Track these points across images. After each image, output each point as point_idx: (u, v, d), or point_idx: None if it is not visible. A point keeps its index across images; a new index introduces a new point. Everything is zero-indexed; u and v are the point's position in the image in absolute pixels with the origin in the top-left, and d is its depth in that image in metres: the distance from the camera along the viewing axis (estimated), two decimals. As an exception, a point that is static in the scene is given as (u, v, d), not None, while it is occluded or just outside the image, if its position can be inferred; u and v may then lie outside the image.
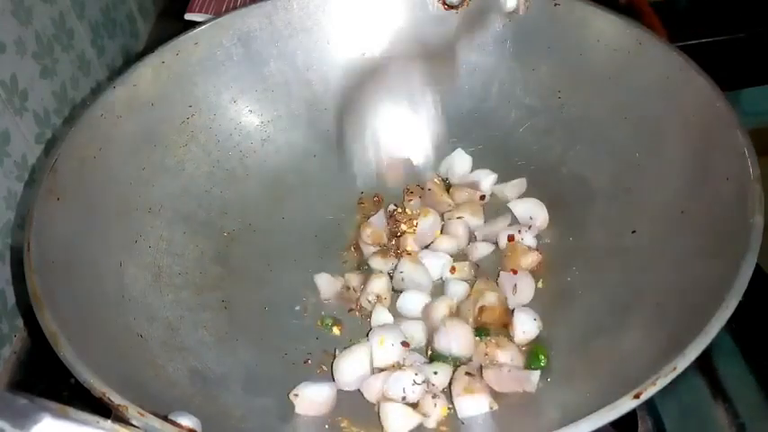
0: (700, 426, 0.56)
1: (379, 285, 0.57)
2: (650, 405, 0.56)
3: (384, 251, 0.60)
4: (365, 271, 0.60)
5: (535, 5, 0.65)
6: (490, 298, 0.55)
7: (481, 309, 0.54)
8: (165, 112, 0.63)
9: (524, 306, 0.55)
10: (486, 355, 0.52)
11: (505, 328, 0.54)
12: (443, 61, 0.68)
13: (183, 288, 0.58)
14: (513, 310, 0.54)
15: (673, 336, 0.44)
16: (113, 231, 0.56)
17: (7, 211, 0.62)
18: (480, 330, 0.54)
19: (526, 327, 0.53)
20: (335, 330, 0.57)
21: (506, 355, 0.52)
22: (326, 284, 0.59)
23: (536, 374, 0.50)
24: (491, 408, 0.49)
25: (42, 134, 0.67)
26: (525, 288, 0.56)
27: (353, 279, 0.59)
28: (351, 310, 0.58)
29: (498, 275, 0.57)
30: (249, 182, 0.66)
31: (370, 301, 0.57)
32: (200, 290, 0.58)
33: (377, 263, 0.60)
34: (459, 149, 0.67)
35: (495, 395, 0.50)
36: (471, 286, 0.57)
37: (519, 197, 0.64)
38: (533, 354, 0.52)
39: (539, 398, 0.49)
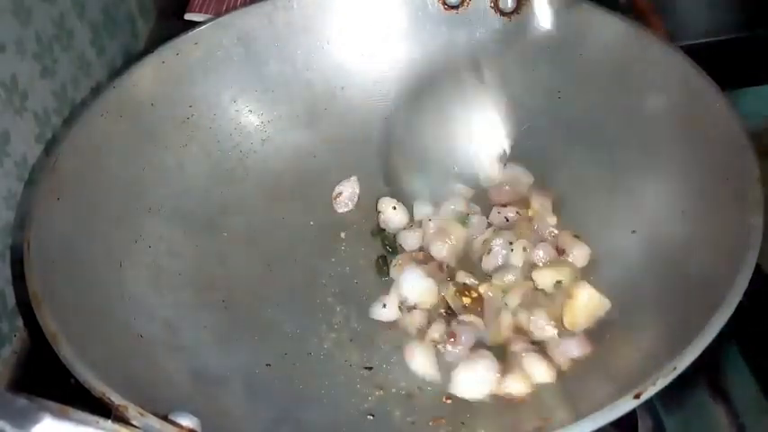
0: (700, 426, 0.56)
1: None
2: (650, 405, 0.56)
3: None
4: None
5: (535, 5, 0.65)
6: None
7: None
8: (165, 112, 0.63)
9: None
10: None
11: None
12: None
13: (183, 288, 0.58)
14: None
15: (673, 336, 0.44)
16: (113, 231, 0.56)
17: (7, 211, 0.62)
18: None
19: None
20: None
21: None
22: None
23: None
24: None
25: (42, 134, 0.67)
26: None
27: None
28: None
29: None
30: (249, 182, 0.66)
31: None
32: (200, 290, 0.58)
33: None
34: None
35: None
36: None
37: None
38: None
39: (538, 398, 0.49)
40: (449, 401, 0.51)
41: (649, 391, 0.39)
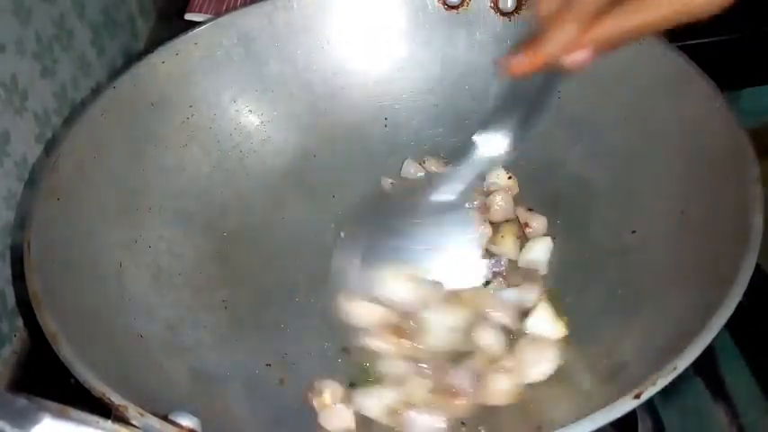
0: (700, 426, 0.56)
1: None
2: (650, 405, 0.56)
3: None
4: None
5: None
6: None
7: None
8: (165, 112, 0.63)
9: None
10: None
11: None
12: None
13: (183, 288, 0.58)
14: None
15: (673, 336, 0.44)
16: (113, 231, 0.56)
17: (7, 211, 0.62)
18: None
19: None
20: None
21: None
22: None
23: None
24: None
25: (42, 134, 0.67)
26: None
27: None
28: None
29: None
30: (249, 182, 0.66)
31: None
32: (200, 290, 0.58)
33: None
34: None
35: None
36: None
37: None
38: None
39: (539, 398, 0.49)
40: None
41: (649, 391, 0.39)
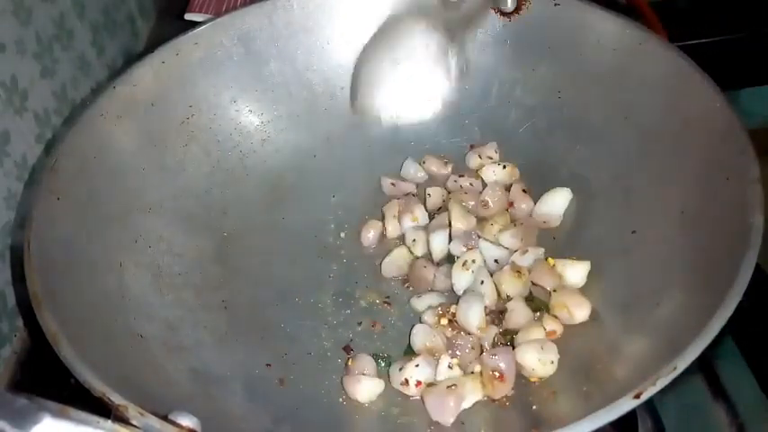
0: (700, 426, 0.56)
1: None
2: (650, 405, 0.56)
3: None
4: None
5: (535, 5, 0.65)
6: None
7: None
8: (165, 112, 0.63)
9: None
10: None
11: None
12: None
13: (183, 288, 0.58)
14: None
15: (673, 336, 0.44)
16: (113, 231, 0.57)
17: (7, 211, 0.62)
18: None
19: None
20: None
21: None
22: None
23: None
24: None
25: (42, 134, 0.67)
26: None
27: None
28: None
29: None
30: (249, 182, 0.66)
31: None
32: (200, 290, 0.58)
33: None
34: None
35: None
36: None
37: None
38: None
39: (540, 398, 0.49)
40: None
41: (649, 391, 0.39)
